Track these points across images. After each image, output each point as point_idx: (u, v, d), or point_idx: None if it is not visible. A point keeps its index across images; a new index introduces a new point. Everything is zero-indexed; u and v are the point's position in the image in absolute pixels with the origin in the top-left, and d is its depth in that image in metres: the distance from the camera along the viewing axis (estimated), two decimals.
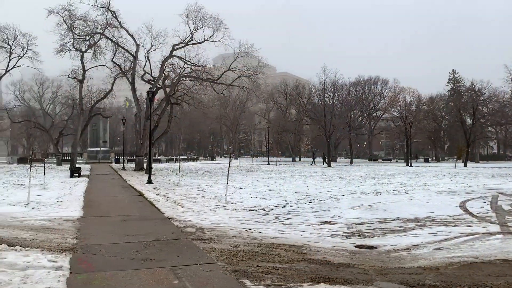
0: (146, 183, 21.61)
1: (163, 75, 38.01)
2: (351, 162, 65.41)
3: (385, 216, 11.59)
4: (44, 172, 20.82)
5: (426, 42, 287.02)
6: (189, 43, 37.78)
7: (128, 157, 55.34)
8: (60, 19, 35.41)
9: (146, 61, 39.07)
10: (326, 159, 56.34)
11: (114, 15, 36.42)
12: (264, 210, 12.49)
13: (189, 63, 38.07)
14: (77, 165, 33.20)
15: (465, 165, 51.73)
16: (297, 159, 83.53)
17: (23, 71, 43.25)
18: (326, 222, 10.54)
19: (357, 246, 7.97)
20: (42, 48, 37.82)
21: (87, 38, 37.35)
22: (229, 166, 16.97)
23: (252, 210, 12.46)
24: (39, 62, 38.14)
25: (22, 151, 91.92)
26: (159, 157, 71.42)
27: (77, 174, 26.19)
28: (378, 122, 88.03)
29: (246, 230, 9.21)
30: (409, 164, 55.71)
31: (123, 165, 43.14)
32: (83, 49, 37.95)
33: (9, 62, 37.01)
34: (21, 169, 36.27)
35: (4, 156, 76.07)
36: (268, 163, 57.95)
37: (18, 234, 8.45)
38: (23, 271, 5.74)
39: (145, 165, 35.30)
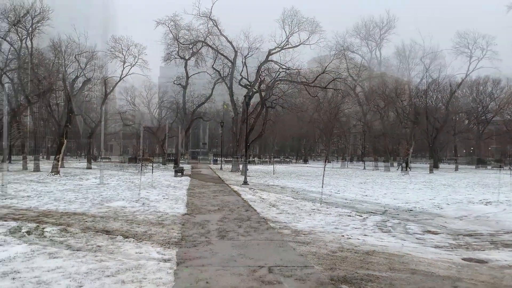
0: (242, 184, 22.30)
1: (259, 79, 39.00)
2: (456, 169, 60.59)
3: (497, 228, 10.56)
4: (152, 171, 22.59)
5: None
6: (284, 47, 38.35)
7: (225, 158, 57.68)
8: (167, 29, 38.66)
9: (243, 66, 40.50)
10: (407, 166, 53.69)
11: (214, 24, 38.44)
12: (361, 216, 12.15)
13: (284, 67, 38.63)
14: (180, 165, 35.49)
15: None
16: (395, 164, 79.62)
17: (134, 78, 47.61)
18: (429, 232, 9.94)
19: (464, 259, 7.40)
20: (149, 57, 41.39)
21: (190, 46, 39.99)
22: (324, 169, 16.85)
23: (348, 215, 12.20)
24: (148, 70, 41.70)
25: (132, 151, 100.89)
26: (253, 159, 73.24)
27: (180, 174, 27.98)
28: (487, 126, 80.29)
29: (343, 236, 9.05)
30: None
31: (221, 166, 45.04)
32: (187, 57, 40.79)
33: (122, 70, 41.01)
34: (132, 167, 39.78)
35: (117, 156, 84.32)
36: (364, 168, 56.19)
37: (131, 227, 9.32)
38: (137, 261, 6.33)
39: (240, 166, 36.51)
